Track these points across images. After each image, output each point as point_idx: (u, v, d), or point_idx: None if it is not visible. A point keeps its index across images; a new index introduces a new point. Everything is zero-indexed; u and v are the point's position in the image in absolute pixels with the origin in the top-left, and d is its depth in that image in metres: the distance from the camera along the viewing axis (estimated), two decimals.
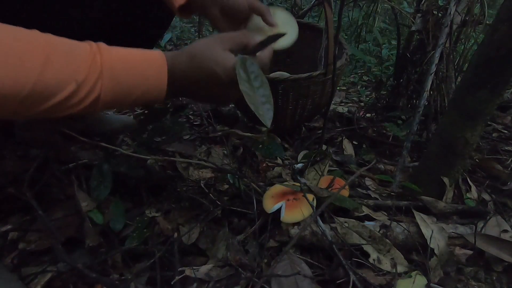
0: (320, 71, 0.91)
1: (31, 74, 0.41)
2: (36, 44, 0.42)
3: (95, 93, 0.46)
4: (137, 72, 0.50)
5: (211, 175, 0.84)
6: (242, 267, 0.58)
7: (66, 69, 0.43)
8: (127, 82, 0.49)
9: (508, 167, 0.95)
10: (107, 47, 0.48)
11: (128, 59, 0.50)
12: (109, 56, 0.48)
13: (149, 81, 0.51)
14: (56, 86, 0.43)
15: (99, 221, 0.64)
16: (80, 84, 0.44)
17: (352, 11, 2.50)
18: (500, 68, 0.64)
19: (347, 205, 0.68)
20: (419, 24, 1.04)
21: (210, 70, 0.53)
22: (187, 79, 0.54)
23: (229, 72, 0.53)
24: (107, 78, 0.47)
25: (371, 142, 1.13)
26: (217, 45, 0.54)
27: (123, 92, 0.49)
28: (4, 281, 0.52)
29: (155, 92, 0.52)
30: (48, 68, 0.42)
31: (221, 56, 0.54)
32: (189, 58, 0.54)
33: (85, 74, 0.45)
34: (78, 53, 0.45)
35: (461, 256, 0.61)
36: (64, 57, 0.44)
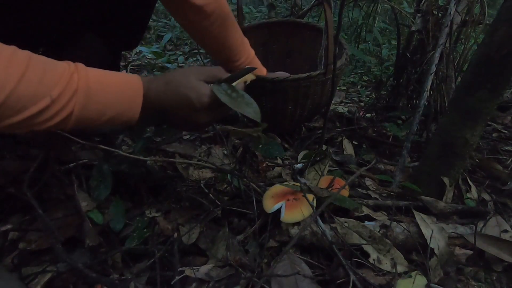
0: (319, 71, 0.91)
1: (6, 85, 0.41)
2: (15, 59, 0.43)
3: (68, 110, 0.47)
4: (113, 92, 0.52)
5: (211, 175, 0.84)
6: (242, 267, 0.58)
7: (42, 84, 0.44)
8: (101, 101, 0.50)
9: (508, 167, 0.95)
10: (85, 67, 0.50)
11: (105, 79, 0.51)
12: (86, 75, 0.49)
13: (123, 103, 0.53)
14: (29, 100, 0.44)
15: (99, 221, 0.64)
16: (54, 100, 0.45)
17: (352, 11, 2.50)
18: (500, 68, 0.64)
19: (347, 205, 0.68)
20: (419, 24, 1.04)
21: (184, 95, 0.56)
22: (161, 104, 0.57)
23: (201, 99, 0.57)
24: (81, 96, 0.48)
25: (371, 142, 1.13)
26: (193, 74, 0.58)
27: (96, 111, 0.50)
28: (4, 281, 0.52)
29: (129, 114, 0.54)
30: (23, 82, 0.43)
31: (195, 84, 0.57)
32: (165, 84, 0.57)
33: (60, 90, 0.46)
34: (56, 70, 0.47)
35: (461, 256, 0.61)
36: (41, 73, 0.45)
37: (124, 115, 0.54)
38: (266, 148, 0.72)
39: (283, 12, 3.33)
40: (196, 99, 0.56)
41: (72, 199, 0.67)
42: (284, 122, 1.04)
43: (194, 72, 0.59)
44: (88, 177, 0.69)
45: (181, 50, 2.86)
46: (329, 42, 0.88)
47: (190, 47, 2.94)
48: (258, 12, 3.52)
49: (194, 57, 2.70)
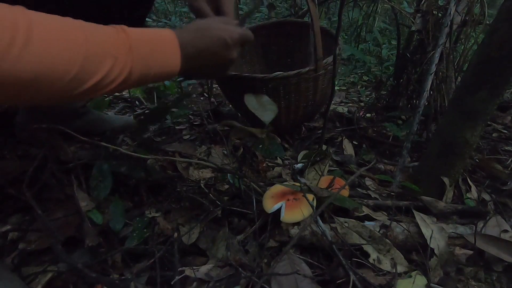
0: (309, 68, 0.91)
1: (79, 51, 0.43)
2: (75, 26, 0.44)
3: (128, 68, 0.49)
4: (154, 47, 0.54)
5: (211, 175, 0.84)
6: (242, 267, 0.58)
7: (103, 45, 0.46)
8: (147, 55, 0.52)
9: (508, 167, 0.95)
10: (127, 27, 0.52)
11: (145, 36, 0.53)
12: (131, 33, 0.51)
13: (164, 53, 0.55)
14: (98, 60, 0.45)
15: (99, 221, 0.64)
16: (116, 59, 0.47)
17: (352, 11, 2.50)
18: (500, 68, 0.64)
19: (347, 205, 0.68)
20: (419, 24, 1.04)
21: (217, 35, 0.62)
22: (196, 48, 0.60)
23: (233, 35, 0.64)
24: (135, 53, 0.50)
25: (371, 142, 1.13)
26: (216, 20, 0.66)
27: (147, 66, 0.52)
28: (6, 281, 0.52)
29: (171, 64, 0.57)
30: (90, 45, 0.44)
31: (223, 26, 0.64)
32: (195, 30, 0.61)
33: (118, 49, 0.48)
34: (107, 32, 0.48)
35: (461, 256, 0.61)
36: (98, 35, 0.46)
37: (167, 66, 0.56)
38: (266, 148, 0.72)
39: (283, 12, 3.33)
40: (228, 37, 0.63)
41: (72, 199, 0.67)
42: (279, 121, 1.04)
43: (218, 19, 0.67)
44: (88, 177, 0.69)
45: None
46: (316, 38, 0.88)
47: None
48: (258, 12, 3.52)
49: None
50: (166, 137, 1.10)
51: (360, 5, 2.07)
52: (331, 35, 1.12)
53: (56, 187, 0.71)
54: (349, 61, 2.90)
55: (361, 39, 2.66)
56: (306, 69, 0.91)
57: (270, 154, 0.72)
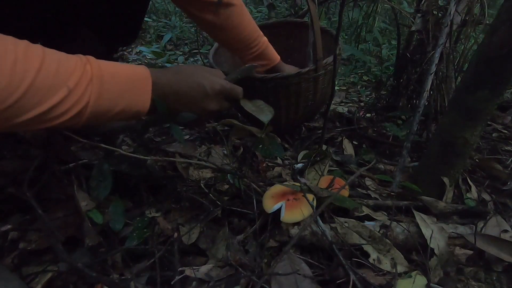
0: (309, 68, 0.91)
1: (25, 77, 0.41)
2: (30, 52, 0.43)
3: (85, 100, 0.47)
4: (123, 82, 0.52)
5: (211, 175, 0.84)
6: (242, 267, 0.58)
7: (58, 75, 0.44)
8: (114, 91, 0.51)
9: (508, 167, 0.95)
10: (95, 59, 0.50)
11: (115, 69, 0.52)
12: (98, 66, 0.49)
13: (134, 92, 0.54)
14: (48, 91, 0.43)
15: (99, 221, 0.64)
16: (72, 90, 0.45)
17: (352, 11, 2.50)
18: (500, 68, 0.64)
19: (347, 205, 0.68)
20: (419, 24, 1.04)
21: (197, 82, 0.61)
22: (172, 91, 0.59)
23: (214, 86, 0.62)
24: (96, 85, 0.48)
25: (371, 142, 1.13)
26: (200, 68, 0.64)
27: (109, 102, 0.51)
28: (5, 281, 0.52)
29: (140, 103, 0.55)
30: (41, 73, 0.42)
31: (207, 74, 0.63)
32: (175, 73, 0.60)
33: (77, 80, 0.46)
34: (70, 62, 0.47)
35: (461, 256, 0.61)
36: (57, 64, 0.45)
37: (135, 105, 0.54)
38: (266, 148, 0.72)
39: (283, 12, 3.33)
40: (208, 85, 0.61)
41: (72, 199, 0.67)
42: (279, 121, 1.04)
43: (201, 67, 0.65)
44: (88, 177, 0.69)
45: (181, 50, 2.86)
46: (316, 38, 0.88)
47: (190, 47, 2.94)
48: (258, 12, 3.52)
49: (194, 57, 2.70)
50: (166, 137, 1.10)
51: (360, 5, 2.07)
52: (331, 35, 1.12)
53: (56, 187, 0.71)
54: (349, 61, 2.90)
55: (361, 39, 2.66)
56: (306, 69, 0.91)
57: (270, 154, 0.72)
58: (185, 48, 2.93)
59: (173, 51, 2.77)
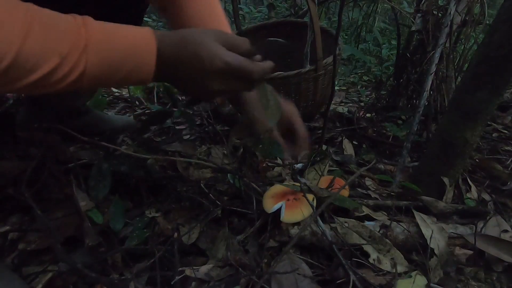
0: (309, 68, 0.91)
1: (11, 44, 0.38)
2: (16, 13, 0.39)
3: (80, 68, 0.44)
4: (125, 47, 0.47)
5: (211, 175, 0.84)
6: (242, 267, 0.58)
7: (48, 41, 0.41)
8: (113, 57, 0.46)
9: (508, 167, 0.95)
10: (93, 21, 0.46)
11: (115, 33, 0.47)
12: (95, 30, 0.45)
13: (136, 58, 0.49)
14: (38, 59, 0.41)
15: (99, 220, 0.64)
16: (64, 58, 0.42)
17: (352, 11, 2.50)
18: (500, 68, 0.64)
19: (347, 205, 0.68)
20: (419, 24, 1.04)
21: (195, 53, 0.51)
22: (173, 60, 0.52)
23: (214, 61, 0.51)
24: (92, 53, 0.44)
25: (371, 142, 1.13)
26: (210, 35, 0.53)
27: (110, 68, 0.47)
28: (7, 281, 0.52)
29: (143, 70, 0.50)
30: (29, 39, 0.39)
31: (210, 44, 0.51)
32: (179, 39, 0.52)
33: (69, 47, 0.42)
34: (62, 25, 0.43)
35: (461, 256, 0.61)
36: (47, 29, 0.41)
37: (137, 73, 0.50)
38: (266, 148, 0.72)
39: (283, 12, 3.33)
40: (207, 59, 0.51)
41: (71, 199, 0.67)
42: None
43: (214, 33, 0.53)
44: (87, 177, 0.69)
45: None
46: (316, 38, 0.88)
47: None
48: (258, 12, 3.52)
49: None
50: (166, 137, 1.10)
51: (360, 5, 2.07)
52: (331, 35, 1.12)
53: (55, 187, 0.71)
54: (349, 61, 2.90)
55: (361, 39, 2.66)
56: (306, 69, 0.91)
57: (270, 154, 0.72)
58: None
59: None
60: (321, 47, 0.89)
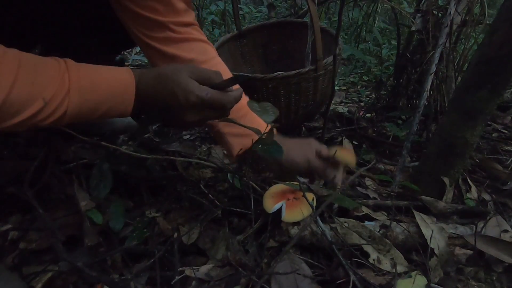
0: (309, 68, 0.91)
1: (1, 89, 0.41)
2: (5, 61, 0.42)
3: (62, 110, 0.47)
4: (104, 89, 0.51)
5: (211, 175, 0.84)
6: (242, 267, 0.58)
7: (34, 87, 0.44)
8: (94, 99, 0.50)
9: (508, 167, 0.95)
10: (75, 64, 0.49)
11: (96, 76, 0.51)
12: (77, 74, 0.49)
13: (116, 98, 0.53)
14: (24, 103, 0.43)
15: (99, 221, 0.64)
16: (48, 102, 0.45)
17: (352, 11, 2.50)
18: (500, 68, 0.64)
19: (347, 205, 0.68)
20: (419, 24, 1.04)
21: (170, 90, 0.55)
22: (150, 97, 0.56)
23: (188, 96, 0.55)
24: (74, 96, 0.48)
25: (371, 142, 1.13)
26: (184, 71, 0.56)
27: (90, 108, 0.51)
28: (5, 281, 0.52)
29: (122, 107, 0.54)
30: (16, 86, 0.42)
31: (184, 80, 0.55)
32: (155, 77, 0.56)
33: (53, 92, 0.46)
34: (46, 71, 0.46)
35: (461, 256, 0.61)
36: (33, 75, 0.44)
37: (116, 110, 0.54)
38: (265, 148, 0.72)
39: (283, 12, 3.33)
40: (182, 95, 0.54)
41: (72, 199, 0.67)
42: (280, 121, 1.04)
43: (187, 69, 0.56)
44: (88, 177, 0.69)
45: None
46: (316, 38, 0.87)
47: None
48: (258, 12, 3.52)
49: None
50: (166, 137, 1.10)
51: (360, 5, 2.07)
52: (331, 35, 1.12)
53: (56, 187, 0.71)
54: (349, 61, 2.90)
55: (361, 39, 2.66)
56: (306, 69, 0.91)
57: (269, 154, 0.72)
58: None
59: None
60: (321, 47, 0.89)
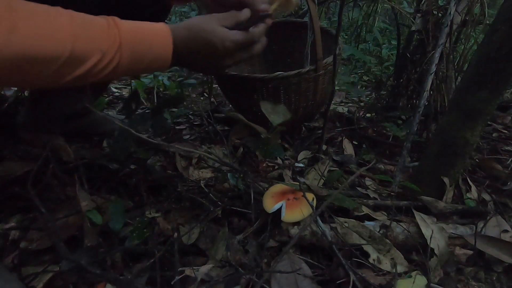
0: (309, 68, 0.91)
1: (65, 46, 0.47)
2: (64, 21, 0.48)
3: (116, 61, 0.53)
4: (147, 42, 0.56)
5: (211, 175, 0.84)
6: (242, 267, 0.58)
7: (91, 41, 0.50)
8: (139, 51, 0.55)
9: (508, 167, 0.95)
10: (121, 21, 0.54)
11: (139, 30, 0.56)
12: (125, 30, 0.54)
13: (156, 50, 0.58)
14: (86, 55, 0.49)
15: (98, 221, 0.64)
16: (104, 53, 0.51)
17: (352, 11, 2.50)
18: (500, 68, 0.64)
19: (347, 205, 0.68)
20: (419, 24, 1.04)
21: (207, 41, 0.60)
22: (187, 48, 0.61)
23: (225, 43, 0.61)
24: (124, 48, 0.53)
25: (371, 142, 1.13)
26: (213, 20, 0.62)
27: (136, 60, 0.56)
28: (4, 281, 0.52)
29: (161, 60, 0.59)
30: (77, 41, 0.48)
31: (218, 29, 0.61)
32: (187, 30, 0.61)
33: (107, 45, 0.51)
34: (98, 27, 0.51)
35: (461, 256, 0.61)
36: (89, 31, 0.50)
37: (157, 62, 0.59)
38: (266, 149, 0.72)
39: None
40: (220, 43, 0.60)
41: (73, 200, 0.67)
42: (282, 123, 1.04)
43: (215, 18, 0.62)
44: (89, 177, 0.69)
45: None
46: (316, 37, 0.87)
47: None
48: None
49: None
50: (166, 137, 1.10)
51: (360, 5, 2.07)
52: (331, 35, 1.12)
53: (57, 187, 0.71)
54: (349, 61, 2.90)
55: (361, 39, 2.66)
56: (306, 69, 0.91)
57: (270, 154, 0.72)
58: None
59: None
60: (321, 47, 0.88)
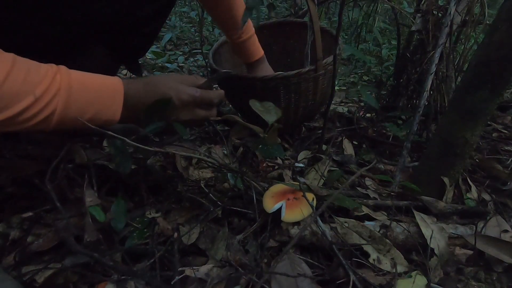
0: (309, 68, 0.91)
1: None
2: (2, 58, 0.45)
3: (51, 108, 0.49)
4: (93, 91, 0.54)
5: (211, 175, 0.84)
6: (242, 267, 0.58)
7: (25, 83, 0.46)
8: (82, 100, 0.52)
9: (508, 167, 0.95)
10: (68, 69, 0.52)
11: (86, 80, 0.54)
12: (68, 76, 0.51)
13: (104, 101, 0.55)
14: (13, 98, 0.45)
15: (101, 218, 0.64)
16: (38, 98, 0.47)
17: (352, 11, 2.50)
18: (500, 68, 0.64)
19: (347, 205, 0.68)
20: (419, 24, 1.04)
21: (163, 94, 0.60)
22: (141, 102, 0.59)
23: (180, 96, 0.61)
24: (64, 95, 0.50)
25: (371, 142, 1.13)
26: (171, 77, 0.63)
27: (78, 110, 0.52)
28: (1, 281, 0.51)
29: (109, 113, 0.56)
30: (8, 81, 0.44)
31: (174, 84, 0.61)
32: (144, 84, 0.61)
33: (44, 89, 0.47)
34: (40, 70, 0.48)
35: (461, 256, 0.61)
36: (26, 72, 0.47)
37: (104, 114, 0.56)
38: (266, 149, 0.72)
39: (283, 12, 3.33)
40: (175, 96, 0.60)
41: (79, 200, 0.66)
42: (280, 121, 1.04)
43: (172, 76, 0.64)
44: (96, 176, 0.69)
45: (181, 50, 2.87)
46: (316, 37, 0.87)
47: (190, 47, 2.94)
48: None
49: (194, 57, 2.70)
50: (166, 137, 1.10)
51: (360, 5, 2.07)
52: (331, 35, 1.12)
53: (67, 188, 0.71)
54: (349, 61, 2.90)
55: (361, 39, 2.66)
56: (306, 69, 0.91)
57: (270, 154, 0.72)
58: (185, 48, 2.93)
59: (173, 51, 2.78)
60: (321, 47, 0.88)
